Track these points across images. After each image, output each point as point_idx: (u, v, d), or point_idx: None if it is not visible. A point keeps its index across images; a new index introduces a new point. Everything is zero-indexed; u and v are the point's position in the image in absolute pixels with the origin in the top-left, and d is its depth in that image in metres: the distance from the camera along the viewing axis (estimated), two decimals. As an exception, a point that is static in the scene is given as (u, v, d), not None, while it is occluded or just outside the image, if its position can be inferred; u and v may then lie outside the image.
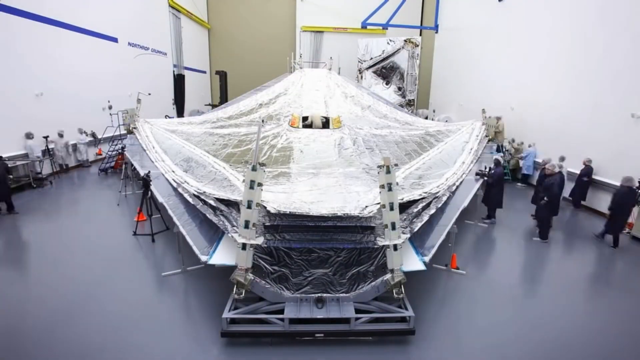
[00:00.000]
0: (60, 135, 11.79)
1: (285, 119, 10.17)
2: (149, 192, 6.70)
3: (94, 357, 4.12)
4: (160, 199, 6.15)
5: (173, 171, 7.06)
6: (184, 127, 10.24)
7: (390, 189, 4.41)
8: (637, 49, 8.59)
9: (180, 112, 21.38)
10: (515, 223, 8.86)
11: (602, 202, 9.27)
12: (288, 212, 4.59)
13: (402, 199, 5.32)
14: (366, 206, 4.69)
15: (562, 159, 9.79)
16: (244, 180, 4.70)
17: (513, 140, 13.21)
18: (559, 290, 5.76)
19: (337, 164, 7.19)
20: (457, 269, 6.17)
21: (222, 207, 5.35)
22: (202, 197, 5.68)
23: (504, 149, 12.44)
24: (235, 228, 4.77)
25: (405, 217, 5.27)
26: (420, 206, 5.63)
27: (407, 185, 6.20)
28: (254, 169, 4.33)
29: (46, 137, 11.11)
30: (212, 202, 5.46)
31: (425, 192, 5.90)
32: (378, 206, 4.64)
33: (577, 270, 6.67)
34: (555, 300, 5.46)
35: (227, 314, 4.30)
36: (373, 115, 11.63)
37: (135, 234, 7.31)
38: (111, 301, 5.16)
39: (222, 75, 21.51)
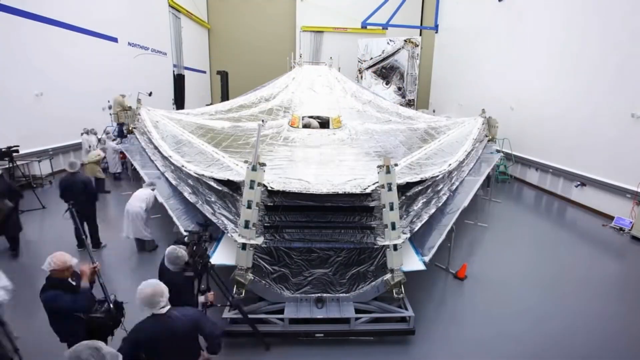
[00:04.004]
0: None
1: (284, 113, 10.22)
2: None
3: (93, 357, 4.11)
4: (160, 199, 6.15)
5: (170, 156, 7.05)
6: (183, 117, 10.28)
7: (390, 189, 4.42)
8: (636, 48, 8.59)
9: (180, 112, 21.42)
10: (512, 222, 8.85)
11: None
12: (288, 191, 4.57)
13: (403, 182, 5.26)
14: (368, 186, 4.65)
15: None
16: (245, 161, 4.69)
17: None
18: (560, 290, 5.77)
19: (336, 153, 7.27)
20: (464, 278, 5.96)
21: (224, 188, 5.34)
22: (202, 179, 5.64)
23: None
24: (237, 216, 4.75)
25: (405, 216, 5.26)
26: (421, 202, 5.61)
27: (406, 170, 6.18)
28: (254, 169, 4.33)
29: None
30: (212, 184, 5.45)
31: (426, 177, 5.81)
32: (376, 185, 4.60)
33: (579, 271, 6.68)
34: (555, 301, 5.46)
35: (227, 314, 4.30)
36: (374, 110, 11.64)
37: None
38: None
39: (224, 75, 21.50)
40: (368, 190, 4.55)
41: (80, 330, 3.02)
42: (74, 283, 3.32)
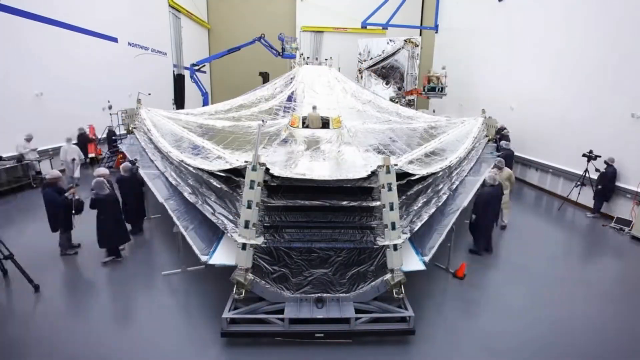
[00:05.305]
0: (28, 140, 10.29)
1: (284, 113, 10.24)
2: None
3: (93, 357, 4.12)
4: (160, 199, 6.14)
5: (170, 152, 7.06)
6: (182, 117, 10.29)
7: (390, 189, 4.42)
8: (636, 48, 8.59)
9: (180, 112, 21.40)
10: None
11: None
12: (291, 177, 4.59)
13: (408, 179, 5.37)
14: (372, 172, 4.66)
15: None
16: (245, 161, 4.69)
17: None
18: (559, 290, 5.76)
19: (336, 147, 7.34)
20: (464, 277, 5.94)
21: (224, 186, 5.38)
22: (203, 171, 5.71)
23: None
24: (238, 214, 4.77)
25: (405, 216, 5.27)
26: (421, 202, 5.62)
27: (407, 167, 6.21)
28: (254, 169, 4.33)
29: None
30: (214, 181, 5.48)
31: (427, 172, 5.86)
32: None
33: (579, 271, 6.68)
34: (554, 300, 5.46)
35: (227, 314, 4.30)
36: (374, 110, 11.63)
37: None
38: (110, 301, 5.16)
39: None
40: (372, 169, 4.59)
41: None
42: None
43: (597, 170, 9.08)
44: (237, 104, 11.71)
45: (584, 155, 9.23)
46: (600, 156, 9.06)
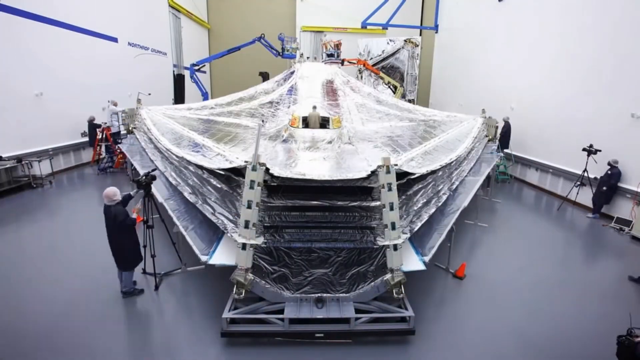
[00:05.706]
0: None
1: (284, 106, 10.28)
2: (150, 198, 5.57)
3: (93, 357, 4.12)
4: (159, 199, 6.14)
5: (170, 149, 7.10)
6: (183, 113, 10.32)
7: (390, 189, 4.42)
8: (636, 48, 8.59)
9: (180, 112, 21.37)
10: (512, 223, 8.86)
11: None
12: (291, 177, 4.61)
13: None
14: (372, 172, 4.66)
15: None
16: (245, 161, 4.69)
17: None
18: (559, 290, 5.76)
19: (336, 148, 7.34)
20: (464, 277, 5.95)
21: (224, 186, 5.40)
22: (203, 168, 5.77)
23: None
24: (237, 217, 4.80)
25: (405, 216, 5.27)
26: (421, 202, 5.63)
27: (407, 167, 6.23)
28: (254, 169, 4.33)
29: None
30: (214, 181, 5.52)
31: (427, 170, 5.90)
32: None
33: (579, 271, 6.68)
34: (555, 300, 5.46)
35: (227, 314, 4.30)
36: (373, 103, 11.68)
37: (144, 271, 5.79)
38: (110, 301, 5.16)
39: (265, 76, 21.11)
40: (372, 169, 4.60)
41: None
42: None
43: (596, 162, 9.04)
44: (237, 98, 11.76)
45: (584, 149, 9.17)
46: (600, 150, 9.04)
